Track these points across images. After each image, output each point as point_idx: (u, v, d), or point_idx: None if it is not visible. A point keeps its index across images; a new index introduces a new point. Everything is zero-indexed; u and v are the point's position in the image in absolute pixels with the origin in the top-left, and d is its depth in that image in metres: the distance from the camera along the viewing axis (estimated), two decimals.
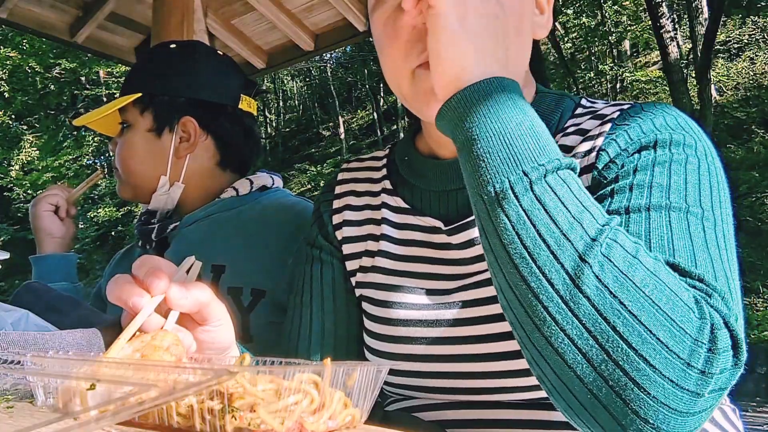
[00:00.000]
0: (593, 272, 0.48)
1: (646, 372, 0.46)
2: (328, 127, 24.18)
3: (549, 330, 0.49)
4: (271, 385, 0.44)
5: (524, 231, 0.50)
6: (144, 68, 1.27)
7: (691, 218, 0.59)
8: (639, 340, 0.47)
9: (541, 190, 0.51)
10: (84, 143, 18.69)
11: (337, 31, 2.44)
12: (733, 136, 12.16)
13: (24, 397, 0.53)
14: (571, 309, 0.48)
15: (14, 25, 2.30)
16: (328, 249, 0.87)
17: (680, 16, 16.37)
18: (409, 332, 0.75)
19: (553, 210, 0.50)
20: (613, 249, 0.49)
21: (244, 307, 1.10)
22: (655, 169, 0.63)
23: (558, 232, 0.50)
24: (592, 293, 0.48)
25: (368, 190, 0.87)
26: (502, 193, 0.52)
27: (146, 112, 1.22)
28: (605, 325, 0.47)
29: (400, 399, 0.80)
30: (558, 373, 0.50)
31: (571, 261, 0.49)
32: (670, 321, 0.47)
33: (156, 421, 0.44)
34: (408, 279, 0.78)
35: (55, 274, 1.33)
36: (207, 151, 1.25)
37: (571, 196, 0.52)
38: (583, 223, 0.50)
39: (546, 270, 0.49)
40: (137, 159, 1.22)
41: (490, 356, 0.70)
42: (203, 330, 0.62)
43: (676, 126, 0.68)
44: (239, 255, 1.15)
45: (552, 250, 0.49)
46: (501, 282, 0.53)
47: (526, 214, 0.50)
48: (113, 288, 0.59)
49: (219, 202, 1.23)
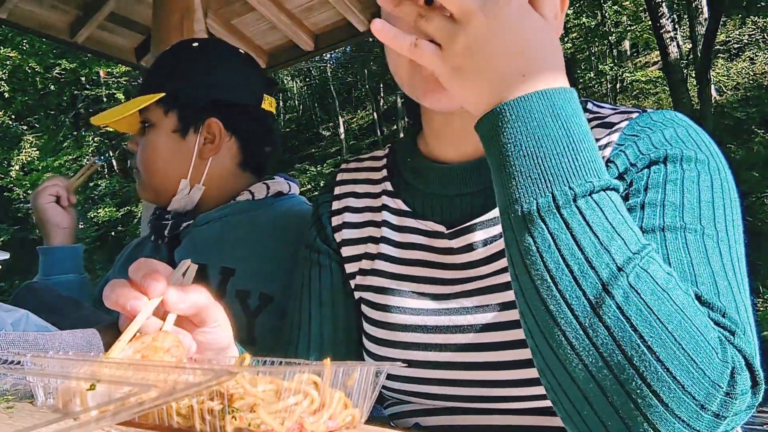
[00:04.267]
0: (615, 302, 0.47)
1: (658, 409, 0.46)
2: (328, 127, 24.17)
3: (565, 355, 0.49)
4: (271, 386, 0.44)
5: (548, 254, 0.49)
6: (166, 67, 1.25)
7: (707, 241, 0.58)
8: (654, 377, 0.46)
9: (569, 213, 0.49)
10: (84, 143, 18.70)
11: (337, 31, 2.44)
12: (733, 136, 12.14)
13: (24, 397, 0.53)
14: (589, 336, 0.48)
15: (14, 25, 2.30)
16: (327, 252, 0.86)
17: (680, 16, 16.36)
18: (408, 337, 0.74)
19: (579, 235, 0.49)
20: (642, 279, 0.48)
21: (251, 310, 1.09)
22: (667, 187, 0.62)
23: (582, 258, 0.48)
24: (612, 323, 0.47)
25: (368, 191, 0.87)
26: (529, 214, 0.50)
27: (170, 112, 1.20)
28: (622, 357, 0.47)
29: (399, 403, 0.79)
30: (571, 399, 0.50)
31: (593, 288, 0.48)
32: (689, 361, 0.46)
33: (156, 422, 0.44)
34: (408, 283, 0.77)
35: (63, 265, 1.32)
36: (230, 152, 1.24)
37: (603, 221, 0.50)
38: (611, 250, 0.49)
39: (567, 295, 0.48)
40: (161, 160, 1.21)
41: (490, 365, 0.69)
42: (201, 332, 0.62)
43: (687, 139, 0.67)
44: (250, 259, 1.14)
45: (575, 276, 0.48)
46: (522, 305, 0.52)
47: (552, 237, 0.49)
48: (110, 293, 0.59)
49: (234, 205, 1.22)
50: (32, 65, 15.37)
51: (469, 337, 0.70)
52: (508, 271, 0.70)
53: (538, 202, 0.50)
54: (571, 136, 0.51)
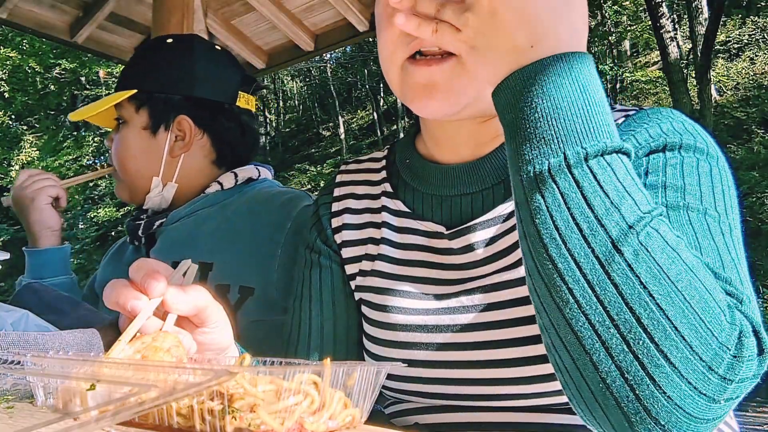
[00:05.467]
0: (625, 259, 0.47)
1: (665, 370, 0.45)
2: (328, 127, 24.17)
3: (571, 312, 0.48)
4: (271, 386, 0.44)
5: (558, 214, 0.49)
6: (140, 64, 1.25)
7: (709, 220, 0.59)
8: (663, 336, 0.45)
9: (580, 173, 0.49)
10: (84, 143, 18.69)
11: (337, 31, 2.44)
12: (733, 136, 12.15)
13: (24, 397, 0.53)
14: (596, 294, 0.47)
15: (14, 25, 2.30)
16: (327, 253, 0.86)
17: (680, 16, 16.36)
18: (408, 337, 0.74)
19: (590, 194, 0.49)
20: (653, 238, 0.48)
21: (231, 305, 1.08)
22: (667, 171, 0.63)
23: (592, 217, 0.48)
24: (621, 281, 0.47)
25: (368, 192, 0.87)
26: (540, 174, 0.50)
27: (141, 109, 1.20)
28: (629, 314, 0.46)
29: (398, 401, 0.79)
30: (574, 358, 0.49)
31: (602, 246, 0.47)
32: (699, 321, 0.46)
33: (156, 422, 0.44)
34: (408, 283, 0.77)
35: (53, 268, 1.29)
36: (202, 150, 1.23)
37: (614, 181, 0.50)
38: (622, 209, 0.48)
39: (575, 253, 0.48)
40: (132, 157, 1.21)
41: (491, 363, 0.69)
42: (201, 332, 0.62)
43: (684, 131, 0.67)
44: (226, 251, 1.13)
45: (584, 234, 0.48)
46: (529, 263, 0.52)
47: (563, 196, 0.49)
48: (110, 293, 0.59)
49: (204, 198, 1.21)
50: (32, 65, 15.37)
51: (470, 336, 0.71)
52: (509, 270, 0.70)
53: (549, 162, 0.50)
54: (587, 97, 0.51)
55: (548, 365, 0.66)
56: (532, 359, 0.67)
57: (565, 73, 0.51)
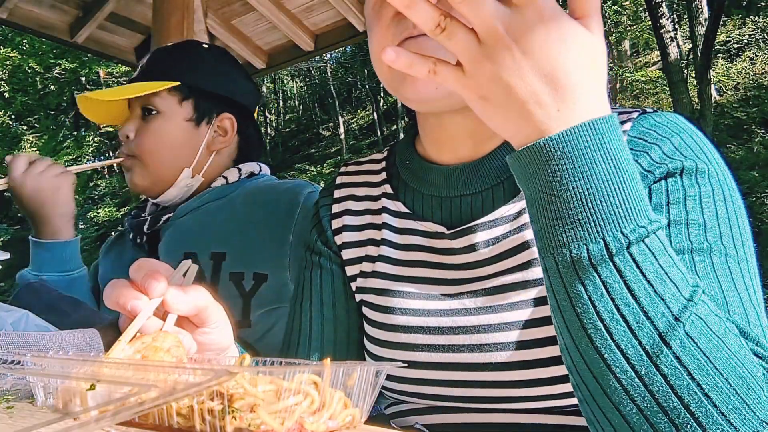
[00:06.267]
0: (673, 352, 0.46)
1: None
2: (328, 127, 24.16)
3: (619, 399, 0.48)
4: (271, 386, 0.44)
5: (601, 304, 0.47)
6: (182, 59, 1.28)
7: (730, 262, 0.59)
8: (710, 421, 0.46)
9: (621, 261, 0.47)
10: (84, 143, 18.70)
11: (337, 31, 2.44)
12: (733, 136, 12.14)
13: (24, 397, 0.53)
14: (645, 384, 0.47)
15: (14, 25, 2.30)
16: (327, 254, 0.86)
17: (680, 16, 16.36)
18: (410, 339, 0.74)
19: (633, 284, 0.47)
20: (697, 328, 0.47)
21: (246, 291, 1.12)
22: (688, 204, 0.62)
23: (638, 309, 0.47)
24: (670, 372, 0.46)
25: (368, 194, 0.87)
26: (579, 261, 0.48)
27: (186, 101, 1.24)
28: (678, 403, 0.46)
29: (399, 402, 0.79)
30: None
31: (649, 339, 0.47)
32: (742, 404, 0.47)
33: (156, 422, 0.44)
34: (409, 284, 0.77)
35: (77, 260, 1.24)
36: (229, 149, 1.30)
37: (655, 267, 0.48)
38: (666, 298, 0.47)
39: (622, 345, 0.47)
40: (169, 147, 1.22)
41: (493, 366, 0.69)
42: (201, 332, 0.62)
43: (696, 149, 0.67)
44: (237, 240, 1.16)
45: (630, 326, 0.47)
46: (568, 343, 0.51)
47: (605, 285, 0.47)
48: (110, 293, 0.59)
49: (211, 191, 1.25)
50: (32, 65, 15.38)
51: (473, 338, 0.70)
52: (513, 272, 0.70)
53: (588, 249, 0.48)
54: (621, 175, 0.48)
55: (550, 368, 0.66)
56: (534, 362, 0.67)
57: (597, 147, 0.48)
